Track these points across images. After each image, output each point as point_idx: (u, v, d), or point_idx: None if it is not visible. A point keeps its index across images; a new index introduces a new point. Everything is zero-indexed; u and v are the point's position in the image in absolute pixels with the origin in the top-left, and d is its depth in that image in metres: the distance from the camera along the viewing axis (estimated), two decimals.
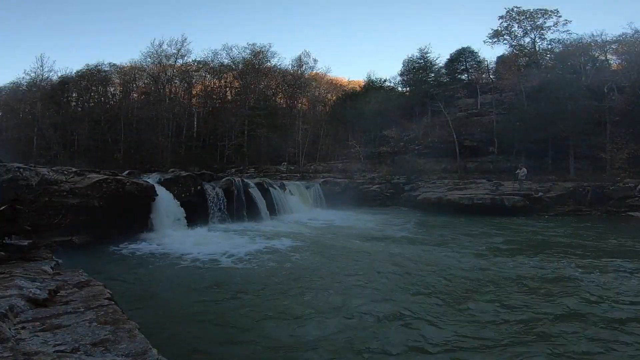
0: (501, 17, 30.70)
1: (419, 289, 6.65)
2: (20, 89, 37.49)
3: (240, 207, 15.82)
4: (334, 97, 44.38)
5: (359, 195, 23.32)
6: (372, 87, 39.97)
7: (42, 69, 35.15)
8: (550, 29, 29.66)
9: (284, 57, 76.78)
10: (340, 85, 48.32)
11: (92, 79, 39.02)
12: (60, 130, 35.06)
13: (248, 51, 39.64)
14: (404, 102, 36.83)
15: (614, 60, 30.75)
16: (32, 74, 35.27)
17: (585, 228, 14.64)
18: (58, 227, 6.04)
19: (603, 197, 19.15)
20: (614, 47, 29.58)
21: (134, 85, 41.97)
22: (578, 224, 15.78)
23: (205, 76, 42.09)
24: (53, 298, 2.92)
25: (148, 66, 38.86)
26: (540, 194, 19.67)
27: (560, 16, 29.14)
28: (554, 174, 24.01)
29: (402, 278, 7.43)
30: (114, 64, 40.43)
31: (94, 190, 10.75)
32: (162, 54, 37.41)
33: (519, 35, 30.84)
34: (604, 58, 30.17)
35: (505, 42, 31.57)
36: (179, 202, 13.35)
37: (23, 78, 36.56)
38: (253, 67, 39.13)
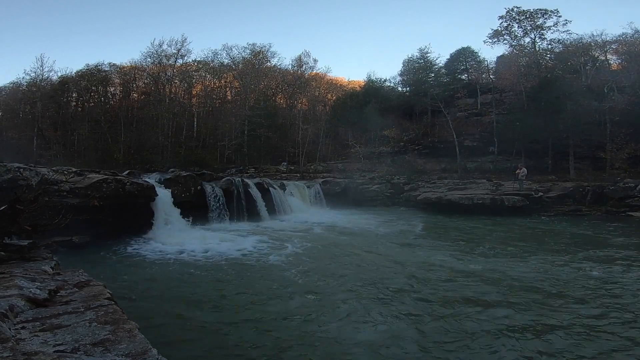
0: (501, 17, 30.80)
1: (420, 294, 6.65)
2: (20, 89, 37.36)
3: (240, 207, 15.83)
4: (334, 97, 44.33)
5: (359, 195, 23.31)
6: (372, 87, 39.95)
7: (42, 69, 35.09)
8: (550, 29, 29.76)
9: (284, 57, 76.72)
10: (340, 85, 48.30)
11: (92, 79, 38.91)
12: (60, 130, 34.98)
13: (248, 51, 39.71)
14: (404, 102, 36.84)
15: (614, 60, 30.81)
16: (32, 74, 35.16)
17: (602, 228, 14.43)
18: (58, 227, 6.03)
19: (603, 197, 19.09)
20: (614, 47, 29.63)
21: (134, 85, 41.88)
22: (588, 223, 15.64)
23: (205, 76, 42.04)
24: (53, 298, 2.92)
25: (148, 66, 38.80)
26: (540, 194, 19.63)
27: (560, 16, 29.24)
28: (554, 174, 24.00)
29: (400, 279, 7.44)
30: (114, 64, 40.38)
31: (94, 190, 10.76)
32: (162, 54, 37.36)
33: (519, 35, 30.93)
34: (604, 58, 30.19)
35: (505, 42, 31.68)
36: (178, 202, 13.36)
37: (23, 78, 36.46)
38: (253, 67, 39.10)
